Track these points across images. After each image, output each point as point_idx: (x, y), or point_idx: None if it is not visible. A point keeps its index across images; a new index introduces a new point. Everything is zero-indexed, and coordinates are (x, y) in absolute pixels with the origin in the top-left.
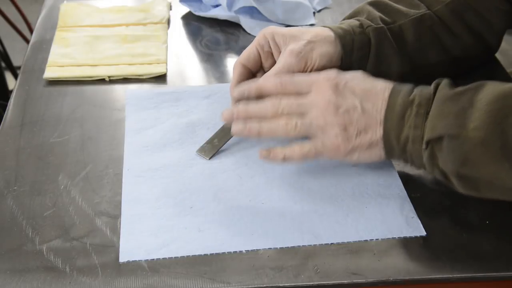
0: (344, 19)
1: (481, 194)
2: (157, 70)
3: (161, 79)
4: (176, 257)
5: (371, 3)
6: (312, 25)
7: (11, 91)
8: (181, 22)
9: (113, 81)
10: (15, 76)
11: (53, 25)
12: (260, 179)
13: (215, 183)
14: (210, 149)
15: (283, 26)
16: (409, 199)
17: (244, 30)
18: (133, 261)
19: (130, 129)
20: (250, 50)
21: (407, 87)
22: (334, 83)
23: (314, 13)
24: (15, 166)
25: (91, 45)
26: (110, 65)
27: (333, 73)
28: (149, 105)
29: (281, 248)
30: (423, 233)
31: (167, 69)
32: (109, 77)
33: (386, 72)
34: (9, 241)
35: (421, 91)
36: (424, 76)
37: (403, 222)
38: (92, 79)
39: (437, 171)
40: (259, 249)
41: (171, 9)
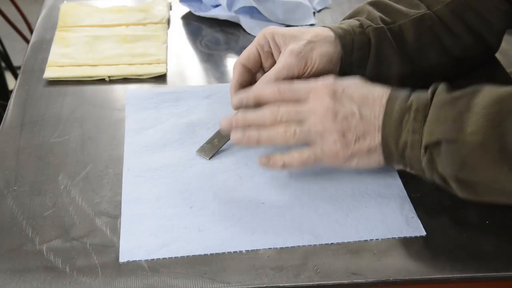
0: (344, 19)
1: (481, 198)
2: (157, 70)
3: (161, 79)
4: (176, 257)
5: (371, 3)
6: (312, 25)
7: (11, 91)
8: (181, 22)
9: (113, 81)
10: (15, 76)
11: (53, 25)
12: (260, 179)
13: (215, 183)
14: (210, 149)
15: (283, 26)
16: (409, 199)
17: (244, 30)
18: (133, 261)
19: (130, 129)
20: (250, 50)
21: (404, 93)
22: (332, 90)
23: (314, 13)
24: (15, 166)
25: (91, 45)
26: (110, 65)
27: (331, 80)
28: (149, 105)
29: (281, 248)
30: (423, 233)
31: (167, 69)
32: (109, 77)
33: (386, 72)
34: (9, 241)
35: (418, 97)
36: (424, 76)
37: (403, 222)
38: (92, 79)
39: (436, 175)
40: (259, 249)
41: (171, 9)
